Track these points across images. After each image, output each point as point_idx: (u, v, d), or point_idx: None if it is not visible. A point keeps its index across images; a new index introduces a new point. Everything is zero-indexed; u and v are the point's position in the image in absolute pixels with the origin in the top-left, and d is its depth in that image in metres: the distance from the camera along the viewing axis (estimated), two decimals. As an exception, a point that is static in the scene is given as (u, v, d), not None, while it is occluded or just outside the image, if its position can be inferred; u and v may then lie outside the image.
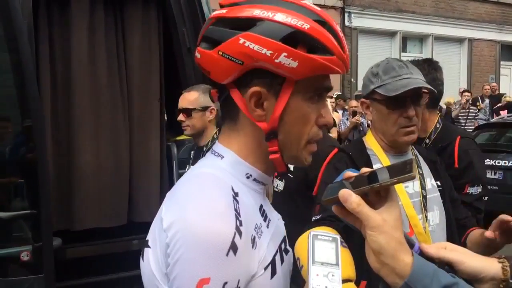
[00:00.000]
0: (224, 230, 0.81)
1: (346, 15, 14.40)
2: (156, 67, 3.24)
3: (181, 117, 2.75)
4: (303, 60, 0.85)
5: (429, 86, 1.73)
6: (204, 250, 0.79)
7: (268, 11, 0.86)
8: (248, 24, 0.87)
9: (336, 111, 9.50)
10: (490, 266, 0.95)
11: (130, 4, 3.13)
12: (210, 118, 2.75)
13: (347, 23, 14.36)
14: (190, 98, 2.75)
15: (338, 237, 0.78)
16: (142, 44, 3.17)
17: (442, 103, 11.45)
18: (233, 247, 0.80)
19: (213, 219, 0.81)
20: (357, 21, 14.55)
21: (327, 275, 0.72)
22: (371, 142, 1.83)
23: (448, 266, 0.93)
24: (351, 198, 0.81)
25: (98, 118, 3.06)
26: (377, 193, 0.84)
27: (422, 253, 0.93)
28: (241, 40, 0.86)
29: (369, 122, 8.40)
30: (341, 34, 0.91)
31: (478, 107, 11.52)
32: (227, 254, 0.80)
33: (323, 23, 0.88)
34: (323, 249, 0.75)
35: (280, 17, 0.86)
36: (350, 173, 0.90)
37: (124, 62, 3.17)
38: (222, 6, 0.93)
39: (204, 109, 2.72)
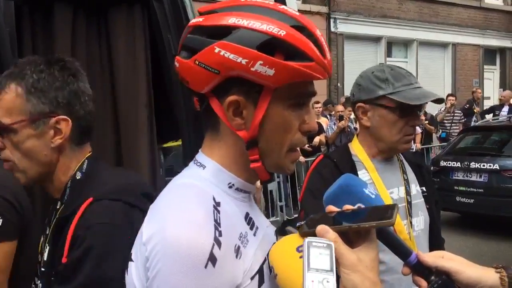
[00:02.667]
0: (201, 242, 0.79)
1: (331, 20, 14.48)
2: (143, 73, 3.20)
3: None
4: (279, 67, 0.84)
5: (437, 97, 1.72)
6: (182, 263, 0.78)
7: (244, 19, 0.85)
8: (223, 32, 0.85)
9: (326, 116, 9.53)
10: (488, 276, 0.95)
11: (115, 11, 3.11)
12: None
13: (332, 29, 14.44)
14: None
15: (332, 243, 0.78)
16: (128, 51, 3.14)
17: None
18: (212, 259, 0.79)
19: (190, 231, 0.80)
20: (343, 27, 14.64)
21: (322, 281, 0.72)
22: (356, 148, 1.82)
23: (445, 275, 0.93)
24: (327, 235, 0.80)
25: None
26: (357, 231, 0.84)
27: (419, 262, 0.93)
28: (217, 49, 0.84)
29: (357, 126, 8.44)
30: (321, 39, 0.89)
31: (475, 110, 11.62)
32: (205, 266, 0.78)
33: (301, 28, 0.87)
34: (317, 256, 0.75)
35: (255, 24, 0.84)
36: (332, 207, 0.90)
37: (110, 69, 3.14)
38: (200, 14, 0.92)
39: None
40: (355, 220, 0.83)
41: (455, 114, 11.00)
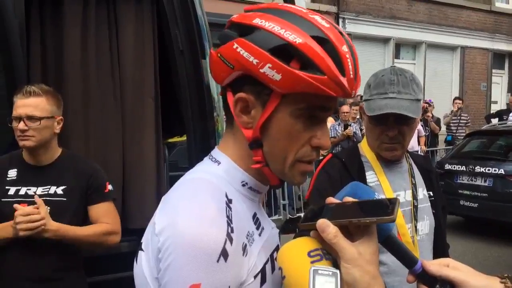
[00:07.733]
0: (215, 237, 0.80)
1: (340, 20, 14.45)
2: (150, 66, 3.20)
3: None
4: (286, 73, 0.83)
5: (403, 113, 1.61)
6: (194, 256, 0.78)
7: (267, 21, 0.86)
8: (247, 30, 0.87)
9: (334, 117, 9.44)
10: (492, 286, 0.94)
11: (123, 3, 3.11)
12: None
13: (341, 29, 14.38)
14: None
15: (337, 271, 0.78)
16: (136, 43, 3.15)
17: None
18: (224, 254, 0.79)
19: (204, 225, 0.80)
20: (351, 27, 14.59)
21: None
22: (365, 149, 1.81)
23: (450, 285, 0.92)
24: (328, 229, 0.80)
25: (90, 119, 3.03)
26: (357, 225, 0.84)
27: (424, 270, 0.93)
28: (235, 45, 0.86)
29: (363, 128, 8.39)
30: (345, 56, 0.86)
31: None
32: (217, 261, 0.79)
33: (323, 40, 0.85)
34: (323, 284, 0.76)
35: (275, 28, 0.84)
36: (332, 199, 0.90)
37: (118, 61, 3.14)
38: (244, 12, 0.95)
39: None
40: (356, 213, 0.83)
41: (462, 118, 10.96)
